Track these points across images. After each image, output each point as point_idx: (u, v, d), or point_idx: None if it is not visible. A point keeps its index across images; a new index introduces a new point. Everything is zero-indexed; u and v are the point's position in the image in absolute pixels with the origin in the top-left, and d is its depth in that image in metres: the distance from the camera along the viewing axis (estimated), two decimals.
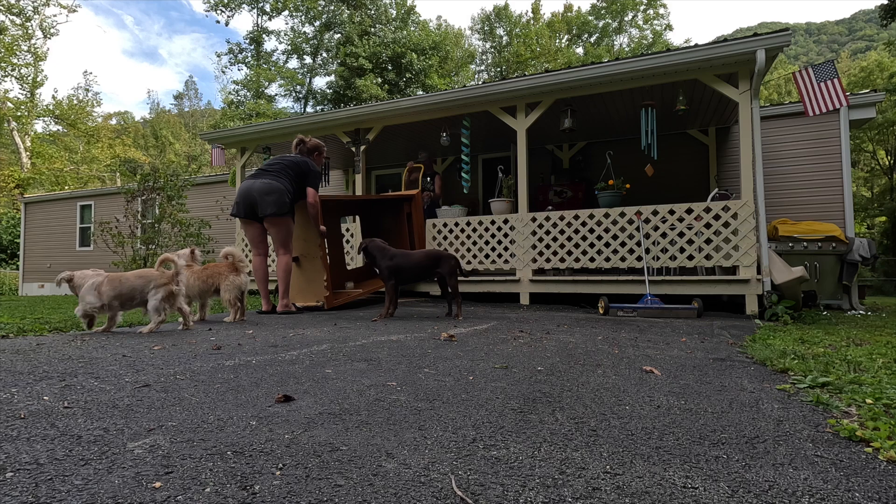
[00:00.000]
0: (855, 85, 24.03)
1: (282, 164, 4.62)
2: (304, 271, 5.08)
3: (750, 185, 4.89)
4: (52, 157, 27.02)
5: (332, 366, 2.12)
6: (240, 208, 4.57)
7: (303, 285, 5.07)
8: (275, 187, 4.44)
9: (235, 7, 30.78)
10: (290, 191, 4.52)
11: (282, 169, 4.57)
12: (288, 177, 4.56)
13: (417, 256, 4.29)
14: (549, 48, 33.84)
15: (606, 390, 1.80)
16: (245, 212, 4.54)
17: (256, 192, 4.44)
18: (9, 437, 1.19)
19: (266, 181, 4.47)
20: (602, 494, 0.97)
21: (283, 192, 4.46)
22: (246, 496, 0.92)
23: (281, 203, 4.43)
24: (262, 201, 4.42)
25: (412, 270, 4.23)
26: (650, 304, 4.62)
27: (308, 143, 4.91)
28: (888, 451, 1.20)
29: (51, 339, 2.73)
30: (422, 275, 4.30)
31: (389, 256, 4.19)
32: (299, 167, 4.65)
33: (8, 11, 24.25)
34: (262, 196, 4.43)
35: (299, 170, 4.64)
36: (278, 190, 4.44)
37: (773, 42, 4.65)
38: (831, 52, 67.89)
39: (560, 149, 8.76)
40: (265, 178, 4.51)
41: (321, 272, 4.87)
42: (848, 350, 2.68)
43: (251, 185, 4.49)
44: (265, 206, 4.41)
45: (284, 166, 4.60)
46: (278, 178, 4.51)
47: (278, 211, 4.42)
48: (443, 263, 4.24)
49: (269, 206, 4.41)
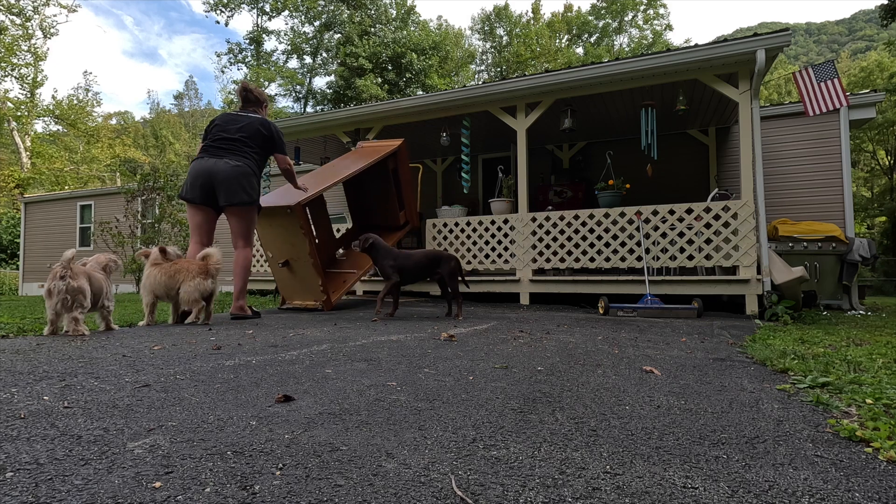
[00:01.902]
0: (855, 85, 24.04)
1: (241, 136, 3.96)
2: (297, 273, 4.90)
3: (750, 185, 4.89)
4: (52, 157, 27.03)
5: (332, 366, 2.12)
6: (195, 192, 3.87)
7: (297, 286, 4.96)
8: (244, 171, 3.87)
9: (235, 7, 30.78)
10: (257, 173, 3.99)
11: (243, 145, 3.95)
12: (253, 155, 3.99)
13: (418, 256, 4.26)
14: (549, 48, 33.85)
15: (606, 390, 1.80)
16: (202, 197, 3.88)
17: (222, 176, 3.83)
18: (9, 437, 1.19)
19: (233, 163, 3.86)
20: (602, 494, 0.97)
21: (252, 175, 3.92)
22: (246, 496, 0.92)
23: (251, 189, 3.89)
24: (230, 188, 3.82)
25: (412, 271, 4.21)
26: (650, 304, 4.62)
27: (255, 91, 4.24)
28: (888, 451, 1.20)
29: (51, 339, 2.73)
30: (422, 275, 4.27)
31: (393, 257, 4.15)
32: (261, 135, 4.03)
33: (8, 11, 24.26)
34: (229, 181, 3.82)
35: (262, 139, 4.03)
36: (248, 174, 3.88)
37: (773, 42, 4.66)
38: (831, 52, 67.89)
39: (560, 149, 8.76)
40: (229, 158, 3.89)
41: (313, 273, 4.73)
42: (848, 350, 2.68)
43: (213, 167, 3.84)
44: (233, 194, 3.83)
45: (245, 140, 3.96)
46: (244, 158, 3.92)
47: (248, 199, 3.88)
48: (443, 264, 4.22)
49: (237, 193, 3.83)
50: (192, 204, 3.94)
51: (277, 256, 4.88)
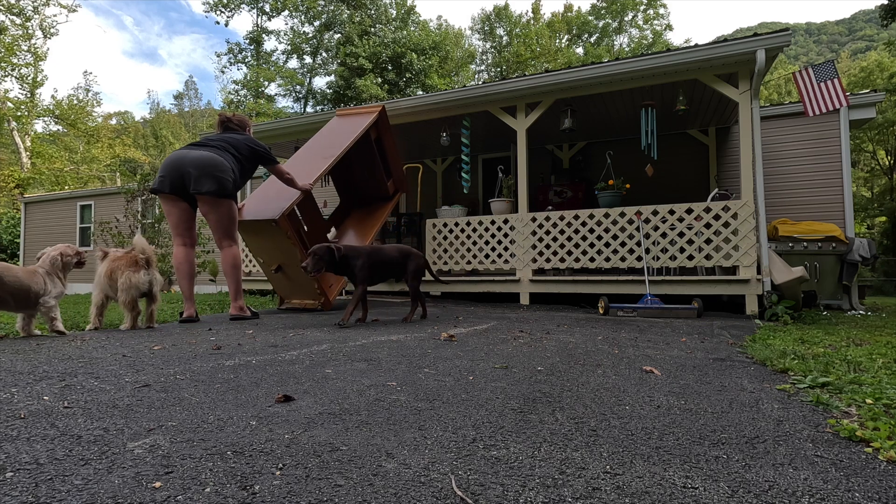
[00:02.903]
0: (855, 85, 24.04)
1: (224, 140, 3.86)
2: (291, 276, 4.78)
3: (750, 185, 4.89)
4: (52, 157, 27.00)
5: (332, 366, 2.12)
6: (164, 182, 3.62)
7: (293, 287, 4.90)
8: (216, 161, 3.63)
9: (235, 7, 30.77)
10: (234, 170, 3.76)
11: (225, 145, 3.81)
12: (235, 155, 3.82)
13: (389, 251, 3.86)
14: (549, 48, 33.84)
15: (606, 390, 1.80)
16: (171, 186, 3.64)
17: (191, 165, 3.59)
18: (9, 437, 1.19)
19: (204, 152, 3.65)
20: (602, 494, 0.97)
21: (226, 168, 3.66)
22: (246, 496, 0.92)
23: (222, 181, 3.62)
24: (199, 175, 3.58)
25: (385, 266, 3.80)
26: (650, 304, 4.62)
27: (235, 118, 4.13)
28: (888, 451, 1.20)
29: (51, 339, 2.73)
30: (395, 271, 3.88)
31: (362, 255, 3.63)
32: (246, 147, 3.88)
33: (8, 11, 24.25)
34: (198, 169, 3.58)
35: (247, 150, 3.87)
36: (220, 165, 3.63)
37: (773, 42, 4.65)
38: (831, 52, 67.88)
39: (560, 149, 8.76)
40: (205, 150, 3.70)
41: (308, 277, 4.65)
42: (848, 350, 2.68)
43: (184, 156, 3.64)
44: (201, 182, 3.58)
45: (227, 143, 3.84)
46: (222, 153, 3.73)
47: (219, 190, 3.60)
48: (410, 261, 3.89)
49: (206, 181, 3.58)
50: (164, 196, 3.70)
51: (269, 262, 4.72)
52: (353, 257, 3.59)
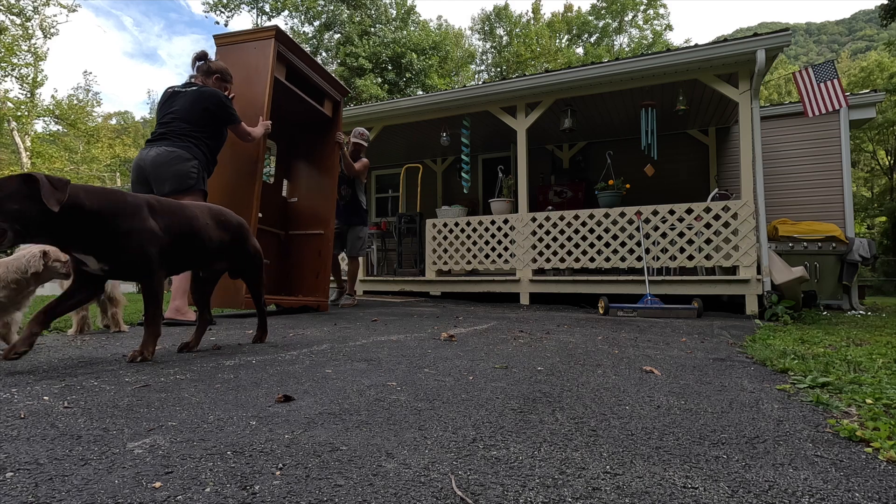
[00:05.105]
0: (855, 85, 24.05)
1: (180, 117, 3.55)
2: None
3: (750, 185, 4.89)
4: (52, 157, 27.00)
5: (332, 366, 2.12)
6: (134, 188, 3.56)
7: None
8: (171, 156, 3.44)
9: (235, 7, 30.78)
10: (194, 155, 3.52)
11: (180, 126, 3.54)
12: (194, 133, 3.55)
13: (198, 212, 2.22)
14: (549, 48, 33.85)
15: (606, 390, 1.80)
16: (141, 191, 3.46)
17: (149, 167, 3.44)
18: (9, 437, 1.19)
19: (160, 149, 3.47)
20: (602, 494, 0.97)
21: (185, 157, 3.47)
22: (246, 496, 0.92)
23: (181, 175, 3.44)
24: (157, 176, 3.41)
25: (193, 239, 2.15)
26: (650, 304, 4.62)
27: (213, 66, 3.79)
28: (888, 451, 1.20)
29: (51, 339, 2.73)
30: (211, 253, 2.28)
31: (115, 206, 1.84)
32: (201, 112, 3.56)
33: (8, 11, 24.25)
34: (155, 169, 3.42)
35: (208, 116, 3.58)
36: (177, 158, 3.45)
37: (773, 42, 4.66)
38: (831, 52, 67.92)
39: (560, 149, 8.76)
40: (161, 144, 3.50)
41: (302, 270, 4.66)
42: (848, 350, 2.68)
43: (142, 159, 3.50)
44: (160, 182, 3.42)
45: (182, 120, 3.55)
46: (179, 142, 3.51)
47: (178, 187, 3.44)
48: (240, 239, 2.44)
49: (165, 181, 3.41)
50: None
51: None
52: (109, 212, 1.80)
